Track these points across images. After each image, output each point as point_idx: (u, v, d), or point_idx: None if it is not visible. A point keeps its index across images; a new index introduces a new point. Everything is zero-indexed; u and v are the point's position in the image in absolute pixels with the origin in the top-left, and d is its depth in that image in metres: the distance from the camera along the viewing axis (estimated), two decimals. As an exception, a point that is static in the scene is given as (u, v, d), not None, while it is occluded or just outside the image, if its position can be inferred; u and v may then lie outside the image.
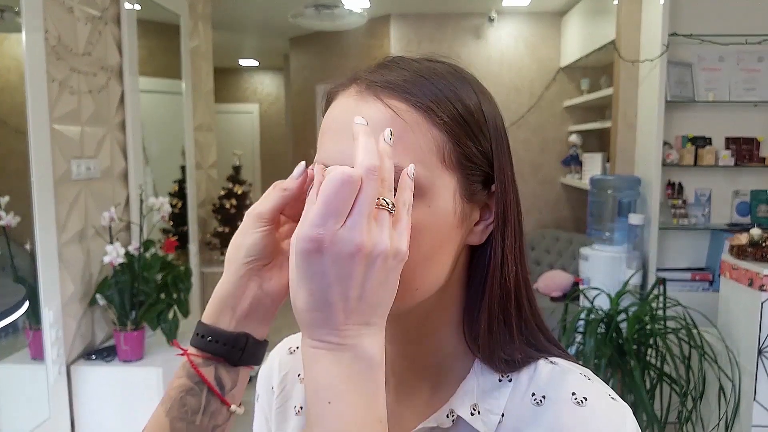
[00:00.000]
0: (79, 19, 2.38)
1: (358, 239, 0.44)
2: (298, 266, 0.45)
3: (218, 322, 0.56)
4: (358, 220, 0.44)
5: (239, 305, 0.57)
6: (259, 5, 4.95)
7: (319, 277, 0.44)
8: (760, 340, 2.42)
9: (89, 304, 2.44)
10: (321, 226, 0.43)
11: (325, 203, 0.43)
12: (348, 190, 0.44)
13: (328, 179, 0.44)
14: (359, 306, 0.45)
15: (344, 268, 0.44)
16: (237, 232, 0.57)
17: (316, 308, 0.45)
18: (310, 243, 0.43)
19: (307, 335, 0.46)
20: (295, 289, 0.46)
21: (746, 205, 3.28)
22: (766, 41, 3.10)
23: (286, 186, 0.57)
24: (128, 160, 2.74)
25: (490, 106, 0.58)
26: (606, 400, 0.56)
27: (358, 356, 0.45)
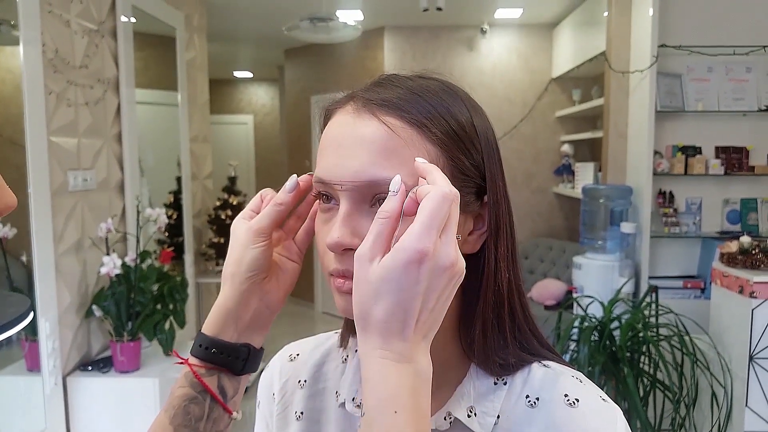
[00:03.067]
0: (76, 32, 2.40)
1: (452, 255, 0.48)
2: (388, 277, 0.46)
3: (221, 334, 0.60)
4: (451, 238, 0.48)
5: (242, 318, 0.60)
6: (253, 18, 4.99)
7: (410, 288, 0.46)
8: (751, 347, 2.45)
9: (85, 315, 2.44)
10: (427, 239, 0.46)
11: (429, 217, 0.46)
12: (447, 207, 0.47)
13: (430, 196, 0.47)
14: (428, 319, 0.49)
15: (434, 281, 0.47)
16: (235, 247, 0.60)
17: (396, 318, 0.47)
18: (416, 254, 0.46)
19: (377, 345, 0.48)
20: (376, 299, 0.47)
21: (736, 213, 3.32)
22: (754, 52, 3.16)
23: (281, 201, 0.60)
24: (124, 171, 2.75)
25: (482, 121, 0.60)
26: (598, 401, 0.58)
27: (418, 371, 0.48)
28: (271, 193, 0.63)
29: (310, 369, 0.72)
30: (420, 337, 0.48)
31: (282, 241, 0.65)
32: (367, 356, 0.48)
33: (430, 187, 0.48)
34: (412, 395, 0.47)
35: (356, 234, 0.54)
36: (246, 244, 0.59)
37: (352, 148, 0.55)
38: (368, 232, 0.49)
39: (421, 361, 0.48)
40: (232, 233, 0.62)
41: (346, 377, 0.68)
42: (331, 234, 0.54)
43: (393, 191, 0.50)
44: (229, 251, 0.61)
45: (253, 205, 0.63)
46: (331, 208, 0.57)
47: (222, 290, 0.61)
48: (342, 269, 0.55)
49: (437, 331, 0.62)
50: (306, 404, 0.70)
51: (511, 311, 0.61)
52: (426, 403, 0.48)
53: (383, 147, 0.54)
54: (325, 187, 0.57)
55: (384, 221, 0.49)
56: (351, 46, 5.34)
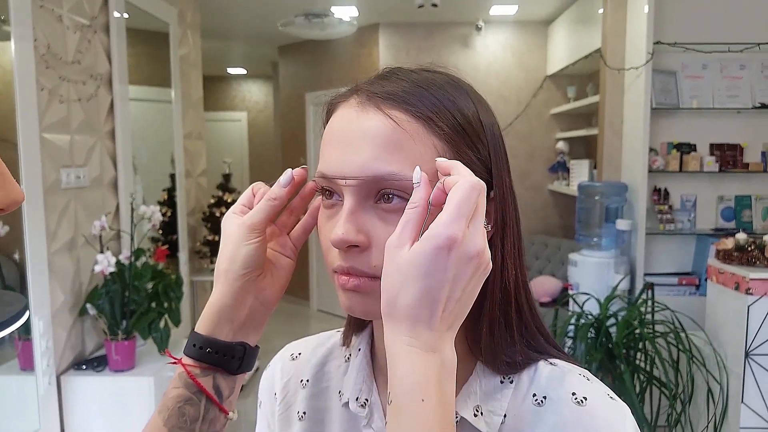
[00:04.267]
0: (68, 28, 2.37)
1: (480, 244, 0.48)
2: (418, 262, 0.47)
3: (216, 333, 0.58)
4: (479, 228, 0.49)
5: (237, 316, 0.59)
6: (247, 14, 4.96)
7: (439, 274, 0.47)
8: (747, 343, 2.45)
9: (79, 314, 2.42)
10: (456, 226, 0.47)
11: (458, 206, 0.47)
12: (476, 196, 0.48)
13: (458, 186, 0.48)
14: (455, 308, 0.49)
15: (461, 268, 0.48)
16: (227, 243, 0.58)
17: (423, 305, 0.47)
18: (446, 240, 0.46)
19: (404, 332, 0.48)
20: (403, 286, 0.47)
21: (731, 210, 3.33)
22: (748, 49, 3.16)
23: (275, 196, 0.59)
24: (118, 168, 2.73)
25: (488, 115, 0.59)
26: (605, 399, 0.57)
27: (443, 362, 0.48)
28: (264, 187, 0.62)
29: (313, 368, 0.71)
30: (446, 327, 0.48)
31: (275, 237, 0.64)
32: (394, 345, 0.48)
33: (457, 178, 0.49)
34: (437, 385, 0.47)
35: (361, 230, 0.53)
36: (239, 241, 0.57)
37: (357, 142, 0.54)
38: (399, 223, 0.49)
39: (447, 352, 0.49)
40: (224, 229, 0.60)
41: (349, 376, 0.67)
42: (335, 230, 0.53)
43: (416, 182, 0.50)
44: (222, 248, 0.59)
45: (245, 200, 0.62)
46: (335, 204, 0.56)
47: (215, 288, 0.59)
48: (346, 266, 0.54)
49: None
50: (308, 404, 0.69)
51: (518, 308, 0.60)
52: (451, 393, 0.48)
53: (388, 141, 0.53)
54: (328, 183, 0.56)
55: (413, 211, 0.49)
56: (346, 43, 5.32)
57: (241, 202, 0.61)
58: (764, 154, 3.26)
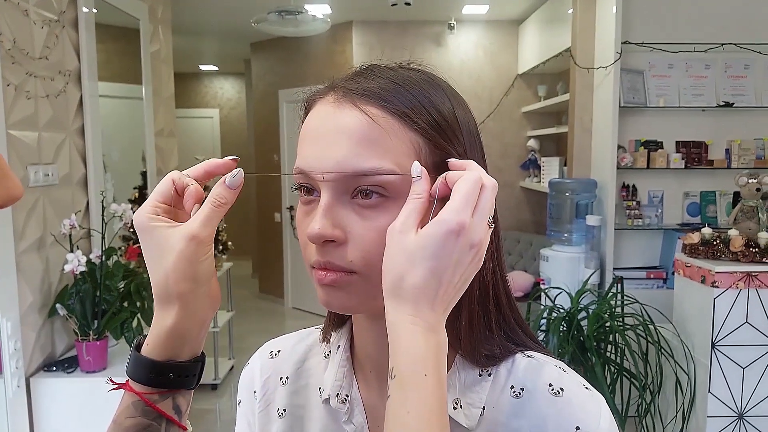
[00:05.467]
0: (36, 22, 2.33)
1: (481, 234, 0.51)
2: (427, 244, 0.49)
3: (176, 357, 0.55)
4: (482, 220, 0.51)
5: (198, 335, 0.55)
6: (219, 10, 4.92)
7: (446, 257, 0.49)
8: (713, 335, 2.52)
9: (49, 315, 2.38)
10: (465, 213, 0.50)
11: (465, 195, 0.50)
12: (479, 189, 0.51)
13: (465, 178, 0.51)
14: (452, 292, 0.51)
15: (464, 254, 0.50)
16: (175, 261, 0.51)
17: (429, 285, 0.49)
18: (456, 225, 0.49)
19: (409, 311, 0.50)
20: (410, 267, 0.49)
21: (696, 206, 3.41)
22: (712, 49, 3.24)
23: (224, 200, 0.53)
24: (88, 166, 2.69)
25: (464, 112, 0.60)
26: (581, 390, 0.59)
27: (439, 342, 0.51)
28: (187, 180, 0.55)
29: (292, 365, 0.71)
30: (442, 309, 0.51)
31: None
32: (399, 323, 0.50)
33: (462, 172, 0.52)
34: (436, 363, 0.50)
35: (337, 225, 0.54)
36: (191, 258, 0.51)
37: (333, 138, 0.54)
38: (401, 211, 0.51)
39: (442, 333, 0.51)
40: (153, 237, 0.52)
41: (330, 373, 0.67)
42: (311, 225, 0.54)
43: (416, 176, 0.52)
44: (162, 263, 0.52)
45: (164, 195, 0.54)
46: (312, 200, 0.57)
47: (167, 311, 0.53)
48: (323, 261, 0.55)
49: None
50: (288, 401, 0.69)
51: (497, 302, 0.61)
52: (444, 375, 0.50)
53: (364, 137, 0.53)
54: (305, 179, 0.56)
55: (417, 201, 0.51)
56: (319, 40, 5.31)
57: (159, 199, 0.54)
58: (728, 151, 3.35)
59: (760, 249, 2.51)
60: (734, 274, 2.48)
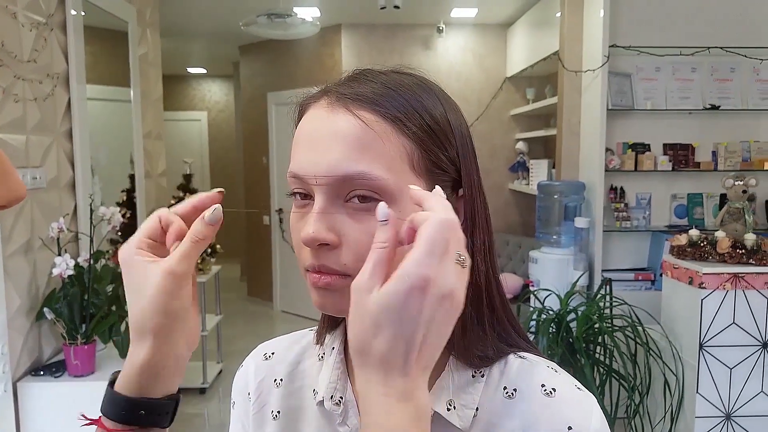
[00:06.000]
0: (24, 25, 2.31)
1: (452, 283, 0.45)
2: (391, 307, 0.44)
3: (149, 393, 0.54)
4: (450, 266, 0.45)
5: (173, 371, 0.55)
6: (208, 13, 4.90)
7: (413, 318, 0.44)
8: (701, 336, 2.54)
9: (36, 318, 2.36)
10: (428, 265, 0.44)
11: (430, 242, 0.44)
12: (447, 232, 0.45)
13: (429, 223, 0.45)
14: (428, 351, 0.46)
15: (435, 309, 0.45)
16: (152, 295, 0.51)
17: (397, 351, 0.45)
18: (420, 280, 0.44)
19: (379, 381, 0.46)
20: (375, 331, 0.45)
21: (683, 208, 3.45)
22: (699, 53, 3.27)
23: (203, 236, 0.53)
24: (76, 169, 2.67)
25: (456, 115, 0.60)
26: (573, 390, 0.60)
27: (419, 409, 0.46)
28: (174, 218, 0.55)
29: (286, 368, 0.71)
30: (420, 371, 0.46)
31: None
32: (368, 393, 0.46)
33: (427, 214, 0.46)
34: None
35: (331, 229, 0.54)
36: (168, 293, 0.51)
37: (327, 142, 0.54)
38: (365, 263, 0.46)
39: (422, 398, 0.46)
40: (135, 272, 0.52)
41: (324, 375, 0.67)
42: (305, 229, 0.54)
43: (382, 220, 0.47)
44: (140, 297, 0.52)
45: (150, 232, 0.54)
46: (307, 204, 0.57)
47: (141, 345, 0.53)
48: (317, 264, 0.55)
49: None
50: (282, 403, 0.69)
51: (490, 303, 0.61)
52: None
53: (357, 141, 0.53)
54: (299, 183, 0.57)
55: (381, 250, 0.46)
56: (308, 43, 5.31)
57: (145, 235, 0.54)
58: (715, 154, 3.38)
59: (747, 250, 2.54)
60: (721, 276, 2.51)
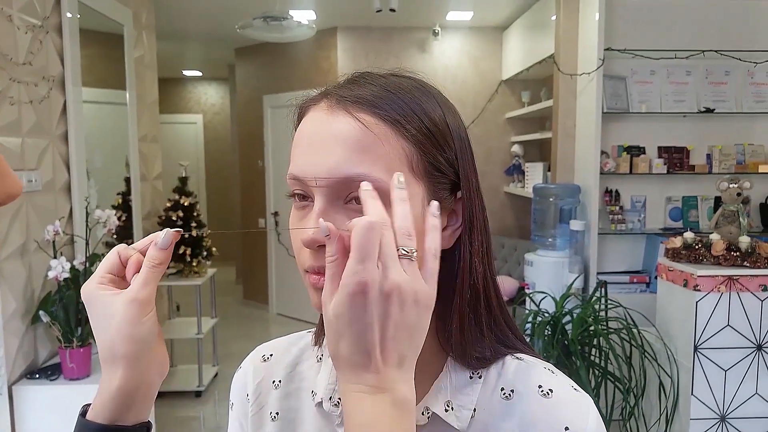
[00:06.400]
0: (19, 28, 2.31)
1: (394, 279, 0.47)
2: (340, 314, 0.48)
3: (120, 420, 0.55)
4: (390, 263, 0.48)
5: (144, 397, 0.56)
6: (204, 16, 4.90)
7: (361, 319, 0.47)
8: (695, 338, 2.55)
9: (32, 321, 2.35)
10: (362, 271, 0.47)
11: (359, 249, 0.47)
12: (374, 234, 0.47)
13: (354, 230, 0.47)
14: (394, 346, 0.49)
15: (383, 307, 0.47)
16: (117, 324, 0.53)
17: (358, 351, 0.48)
18: (357, 286, 0.47)
19: (349, 379, 0.49)
20: (338, 338, 0.49)
21: (678, 211, 3.46)
22: (693, 56, 3.30)
23: (159, 261, 0.55)
24: (71, 172, 2.67)
25: (454, 118, 0.61)
26: (570, 391, 0.60)
27: (395, 400, 0.48)
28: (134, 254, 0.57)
29: (285, 369, 0.72)
30: (392, 366, 0.49)
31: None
32: (344, 392, 0.50)
33: (357, 220, 0.48)
34: (390, 425, 0.48)
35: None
36: (133, 320, 0.53)
37: (326, 144, 0.55)
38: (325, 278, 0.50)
39: (400, 390, 0.49)
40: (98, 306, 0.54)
41: (322, 376, 0.67)
42: (306, 231, 0.54)
43: (324, 235, 0.49)
44: (106, 328, 0.54)
45: (110, 267, 0.56)
46: (306, 205, 0.57)
47: (113, 373, 0.54)
48: (317, 266, 0.55)
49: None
50: (281, 404, 0.70)
51: (488, 304, 0.62)
52: (409, 429, 0.49)
53: (357, 143, 0.54)
54: (299, 185, 0.57)
55: (333, 264, 0.49)
56: (303, 46, 5.31)
57: (106, 270, 0.56)
58: (709, 157, 3.40)
59: (741, 253, 2.55)
60: (716, 278, 2.52)
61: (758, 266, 2.53)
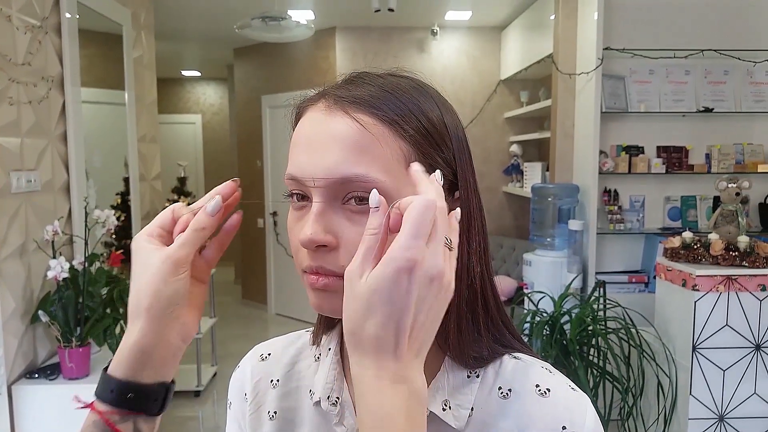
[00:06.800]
0: (18, 28, 2.31)
1: (440, 265, 0.47)
2: (380, 289, 0.46)
3: (136, 376, 0.54)
4: (438, 248, 0.47)
5: (160, 356, 0.55)
6: (202, 16, 4.90)
7: (402, 299, 0.45)
8: (694, 337, 2.56)
9: (31, 321, 2.35)
10: (414, 248, 0.45)
11: (414, 226, 0.46)
12: (431, 215, 0.47)
13: (413, 206, 0.46)
14: (419, 335, 0.48)
15: (424, 290, 0.46)
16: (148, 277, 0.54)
17: (389, 334, 0.46)
18: (407, 262, 0.45)
19: (371, 364, 0.47)
20: (367, 314, 0.46)
21: (677, 210, 3.47)
22: (692, 56, 3.30)
23: (203, 225, 0.56)
24: (70, 172, 2.66)
25: (452, 118, 0.61)
26: (568, 390, 0.60)
27: (413, 391, 0.47)
28: (187, 213, 0.57)
29: (283, 368, 0.72)
30: (413, 355, 0.48)
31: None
32: (362, 376, 0.47)
33: (412, 198, 0.48)
34: (407, 417, 0.46)
35: (329, 231, 0.54)
36: (164, 276, 0.53)
37: (324, 144, 0.55)
38: (357, 251, 0.48)
39: (416, 380, 0.48)
40: (140, 257, 0.55)
41: (320, 375, 0.67)
42: (303, 231, 0.54)
43: (374, 206, 0.48)
44: (139, 280, 0.54)
45: (163, 222, 0.57)
46: (304, 205, 0.57)
47: (134, 326, 0.54)
48: (315, 266, 0.55)
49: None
50: (279, 404, 0.70)
51: (485, 304, 0.62)
52: (422, 423, 0.48)
53: (355, 143, 0.54)
54: (297, 185, 0.57)
55: (372, 237, 0.48)
56: (302, 46, 5.31)
57: (157, 224, 0.57)
58: (708, 156, 3.41)
59: (740, 252, 2.56)
60: (714, 278, 2.53)
61: (757, 266, 2.53)
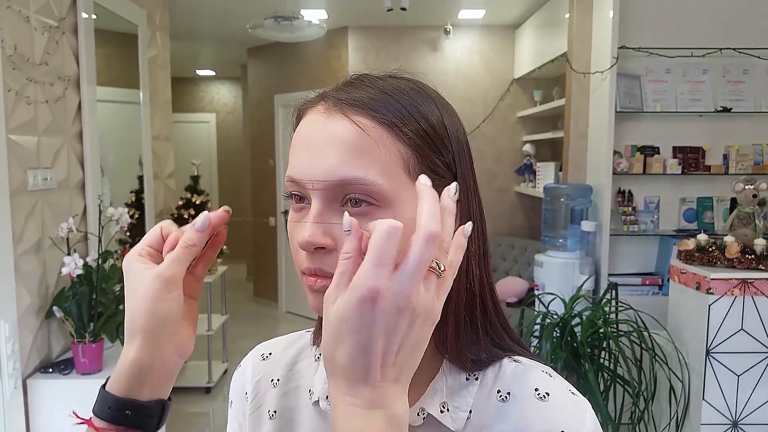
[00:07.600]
0: (36, 29, 2.34)
1: (412, 295, 0.45)
2: (345, 318, 0.45)
3: (134, 394, 0.55)
4: (412, 278, 0.45)
5: (157, 374, 0.56)
6: (216, 16, 4.93)
7: (367, 329, 0.45)
8: (708, 342, 2.53)
9: (46, 317, 2.38)
10: (376, 277, 0.44)
11: (375, 253, 0.45)
12: (395, 241, 0.45)
13: (376, 231, 0.45)
14: (395, 362, 0.47)
15: (392, 321, 0.45)
16: (141, 297, 0.54)
17: (358, 362, 0.46)
18: (368, 291, 0.44)
19: (344, 390, 0.47)
20: (336, 342, 0.46)
21: (693, 212, 3.43)
22: (710, 54, 3.25)
23: (192, 242, 0.56)
24: (85, 170, 2.70)
25: (452, 120, 0.61)
26: (567, 395, 0.60)
27: (390, 417, 0.46)
28: (175, 230, 0.58)
29: (283, 368, 0.72)
30: (390, 382, 0.47)
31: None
32: (335, 401, 0.47)
33: (379, 221, 0.46)
34: None
35: (327, 233, 0.55)
36: (157, 295, 0.54)
37: (323, 147, 0.55)
38: (333, 276, 0.47)
39: (395, 407, 0.47)
40: (131, 278, 0.55)
41: (320, 375, 0.68)
42: (302, 233, 0.55)
43: (346, 229, 0.47)
44: (133, 299, 0.55)
45: (152, 241, 0.58)
46: (303, 207, 0.57)
47: (131, 345, 0.55)
48: (314, 268, 0.55)
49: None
50: (279, 403, 0.70)
51: (484, 308, 0.62)
52: None
53: (354, 146, 0.54)
54: (296, 187, 0.57)
55: (346, 261, 0.47)
56: (315, 45, 5.33)
57: (146, 243, 0.57)
58: (726, 157, 3.36)
59: (756, 256, 2.52)
60: (730, 281, 2.49)
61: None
